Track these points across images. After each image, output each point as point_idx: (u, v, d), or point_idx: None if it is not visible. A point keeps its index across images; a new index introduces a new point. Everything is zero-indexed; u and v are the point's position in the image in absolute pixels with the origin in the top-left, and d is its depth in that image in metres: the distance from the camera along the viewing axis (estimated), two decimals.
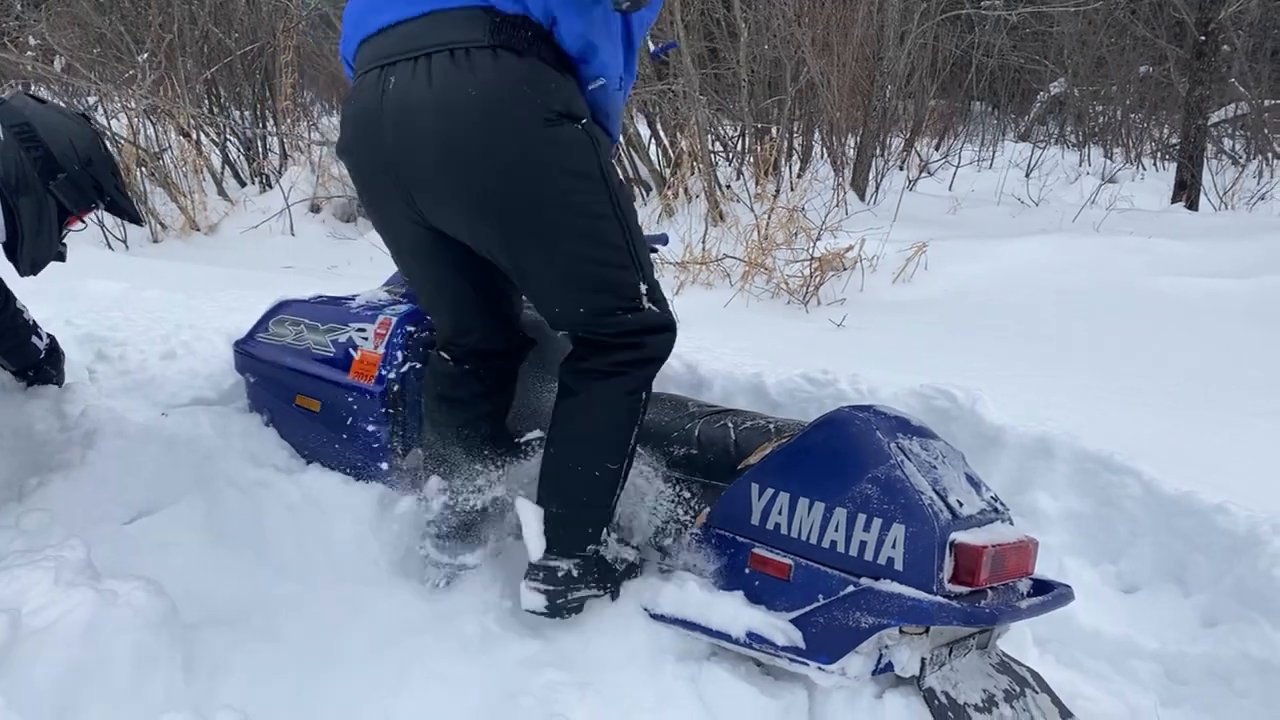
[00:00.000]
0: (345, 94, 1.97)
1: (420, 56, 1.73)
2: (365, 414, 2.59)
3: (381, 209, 1.94)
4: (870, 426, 1.98)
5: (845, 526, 1.93)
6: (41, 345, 2.85)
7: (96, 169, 2.36)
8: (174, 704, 1.78)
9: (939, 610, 1.80)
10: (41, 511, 2.36)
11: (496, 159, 1.73)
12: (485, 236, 1.85)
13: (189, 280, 4.77)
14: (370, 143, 1.81)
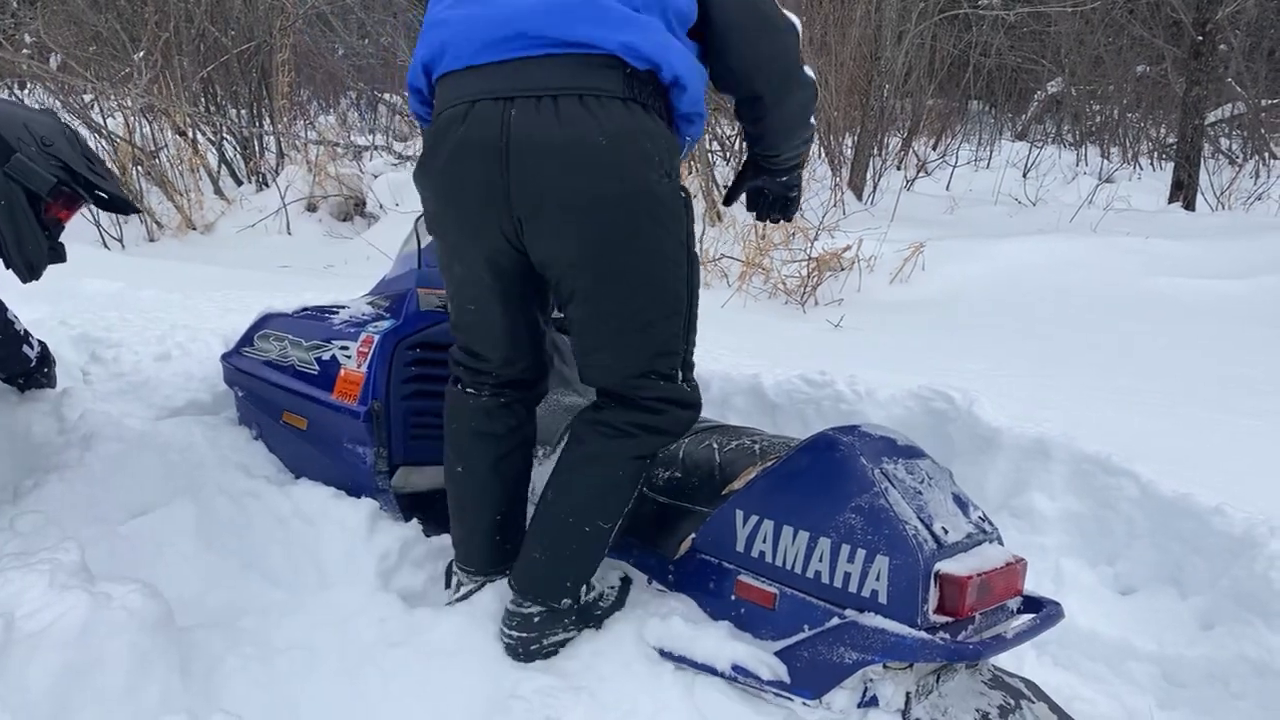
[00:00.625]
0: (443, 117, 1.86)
1: (546, 96, 1.77)
2: (350, 434, 2.57)
3: (472, 235, 1.91)
4: (854, 451, 1.93)
5: (829, 556, 1.90)
6: (33, 354, 2.78)
7: (58, 149, 2.18)
8: (170, 707, 1.77)
9: (922, 647, 1.76)
10: (37, 514, 2.36)
11: (612, 202, 1.81)
12: (578, 273, 1.87)
13: (185, 280, 4.76)
14: (485, 171, 1.81)
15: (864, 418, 3.16)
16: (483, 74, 1.82)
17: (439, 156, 1.88)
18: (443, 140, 1.86)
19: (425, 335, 2.61)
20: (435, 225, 1.99)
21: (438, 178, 1.90)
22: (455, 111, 1.83)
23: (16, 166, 2.09)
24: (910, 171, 7.95)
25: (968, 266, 4.77)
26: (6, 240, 2.15)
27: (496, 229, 1.86)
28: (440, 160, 1.87)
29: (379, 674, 1.98)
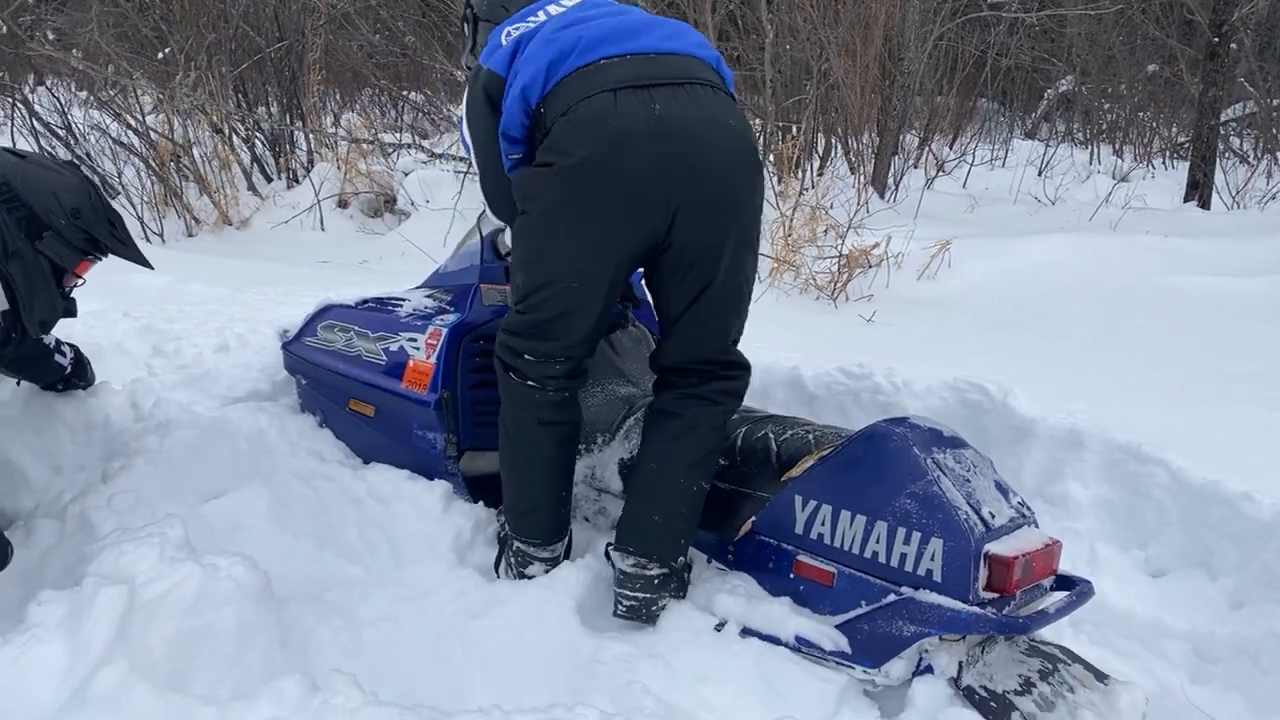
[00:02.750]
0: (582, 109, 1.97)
1: (685, 84, 1.99)
2: (420, 421, 2.71)
3: (621, 212, 2.01)
4: (907, 442, 2.09)
5: (886, 539, 2.06)
6: (66, 361, 2.81)
7: (86, 220, 2.26)
8: (274, 671, 1.90)
9: (976, 620, 1.93)
10: (129, 493, 2.49)
11: (752, 180, 2.08)
12: (727, 246, 2.07)
13: (229, 274, 4.89)
14: (640, 159, 1.94)
15: (901, 409, 3.29)
16: (616, 65, 1.98)
17: (583, 148, 1.96)
18: (587, 134, 1.96)
19: (489, 328, 2.75)
20: (563, 220, 2.05)
21: (581, 171, 1.97)
22: (596, 105, 1.95)
23: (48, 244, 2.21)
24: (930, 170, 8.05)
25: (992, 264, 4.88)
26: (24, 303, 2.23)
27: (649, 215, 1.99)
28: (585, 153, 1.96)
29: (462, 644, 2.11)
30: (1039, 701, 2.01)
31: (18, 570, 2.29)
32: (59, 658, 1.75)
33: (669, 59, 2.02)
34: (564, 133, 1.99)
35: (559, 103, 2.01)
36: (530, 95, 2.05)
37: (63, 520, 2.41)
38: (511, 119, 2.10)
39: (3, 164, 2.22)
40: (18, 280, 2.18)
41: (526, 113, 2.07)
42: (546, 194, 2.05)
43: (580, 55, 2.01)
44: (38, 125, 6.84)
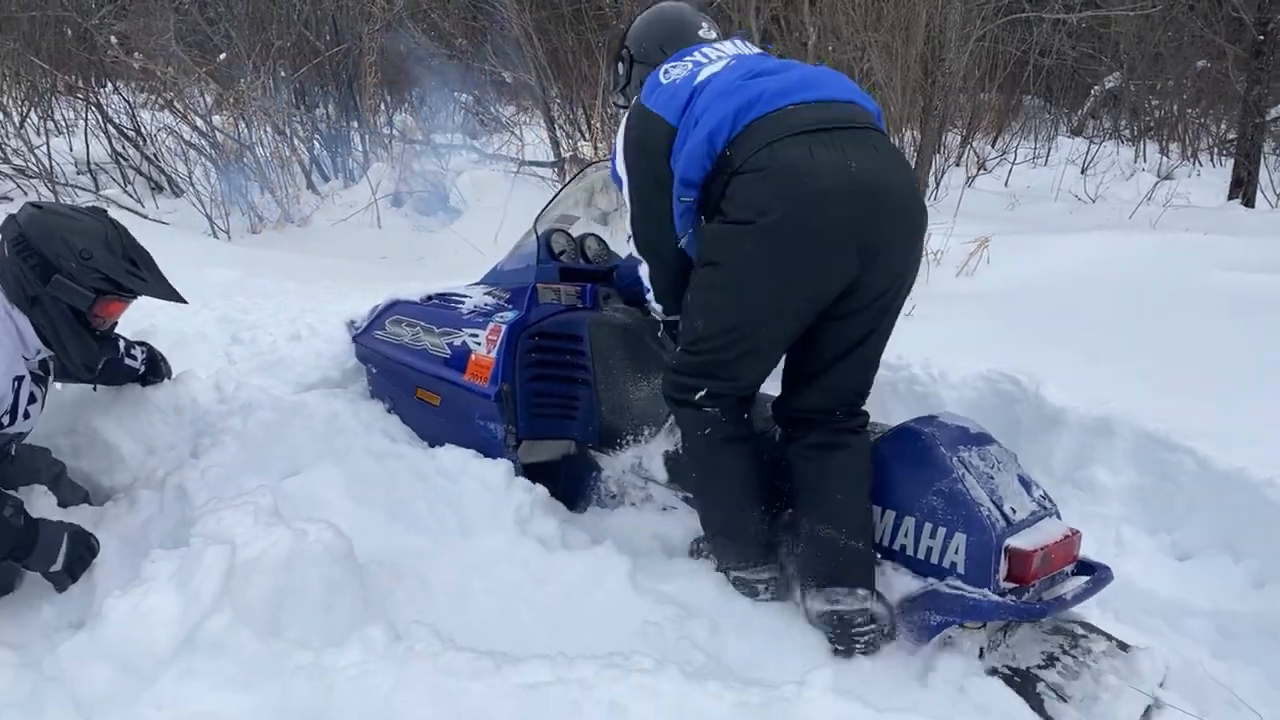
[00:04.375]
0: (778, 159, 2.06)
1: (863, 129, 2.14)
2: (481, 411, 2.92)
3: (818, 267, 2.09)
4: (935, 441, 2.24)
5: (914, 532, 2.22)
6: (137, 363, 2.97)
7: (97, 260, 2.32)
8: (359, 623, 2.09)
9: (996, 608, 2.08)
10: (218, 468, 2.71)
11: (922, 233, 2.24)
12: (897, 289, 2.20)
13: (295, 269, 5.14)
14: (840, 214, 2.04)
15: (938, 399, 3.43)
16: (803, 110, 2.11)
17: (781, 205, 2.05)
18: (784, 190, 2.04)
19: (544, 325, 2.95)
20: (757, 275, 2.11)
21: (779, 228, 2.05)
22: (791, 155, 2.04)
23: (57, 286, 2.30)
24: (971, 169, 8.11)
25: (1031, 261, 4.97)
26: (56, 346, 2.38)
27: (842, 269, 2.09)
28: (784, 210, 2.05)
29: (527, 607, 2.30)
30: (1063, 672, 2.16)
31: (123, 535, 2.52)
32: (172, 607, 1.96)
33: (847, 105, 2.16)
34: (759, 185, 2.08)
35: (749, 146, 2.09)
36: (717, 139, 2.14)
37: (161, 491, 2.64)
38: (692, 162, 2.18)
39: (22, 217, 2.34)
40: (43, 324, 2.34)
41: (710, 155, 2.16)
42: (741, 250, 2.12)
43: (769, 102, 2.12)
44: (110, 127, 7.18)
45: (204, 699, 1.85)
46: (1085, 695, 2.06)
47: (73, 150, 7.45)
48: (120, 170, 7.17)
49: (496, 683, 1.75)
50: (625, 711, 1.66)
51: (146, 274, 2.44)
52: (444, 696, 1.74)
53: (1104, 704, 2.02)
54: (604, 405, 2.85)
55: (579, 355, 2.90)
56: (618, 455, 2.83)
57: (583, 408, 2.92)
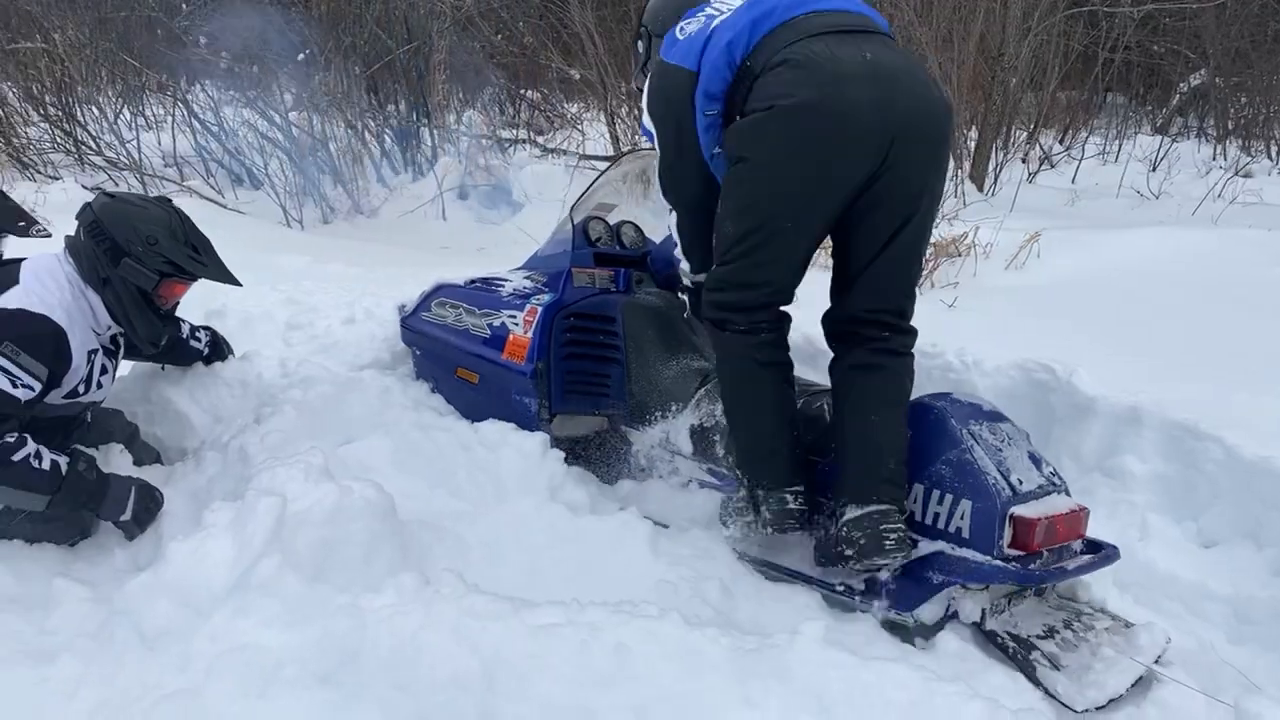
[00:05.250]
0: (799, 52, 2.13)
1: (880, 32, 2.24)
2: (518, 388, 3.09)
3: (840, 152, 2.13)
4: (946, 414, 2.34)
5: (923, 499, 2.32)
6: (201, 345, 3.21)
7: (162, 246, 2.55)
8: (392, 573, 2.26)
9: (996, 572, 2.17)
10: (279, 433, 2.92)
11: (951, 128, 2.28)
12: (923, 183, 2.24)
13: (360, 256, 5.39)
14: (863, 95, 2.09)
15: (971, 386, 3.48)
16: (820, 17, 2.20)
17: (803, 89, 2.10)
18: (806, 76, 2.10)
19: (579, 307, 3.10)
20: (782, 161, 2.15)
21: (802, 110, 2.10)
22: (812, 48, 2.12)
23: (125, 268, 2.54)
24: (1033, 165, 8.03)
25: (1082, 255, 4.95)
26: (124, 323, 2.61)
27: (867, 151, 2.13)
28: (806, 93, 2.09)
29: (554, 564, 2.45)
30: (1061, 644, 2.23)
31: (189, 491, 2.75)
32: (227, 551, 2.16)
33: (859, 15, 2.26)
34: (780, 76, 2.14)
35: (768, 51, 2.18)
36: (735, 50, 2.23)
37: (225, 453, 2.86)
38: (714, 74, 2.26)
39: (96, 205, 2.58)
40: (112, 303, 2.58)
41: (730, 66, 2.24)
42: (766, 137, 2.15)
43: (783, 13, 2.21)
44: (195, 123, 7.56)
45: (252, 634, 2.03)
46: (1079, 665, 2.13)
47: (160, 144, 7.85)
48: (203, 163, 7.54)
49: (513, 623, 1.89)
50: (629, 651, 1.79)
51: (206, 259, 2.67)
52: (465, 635, 1.89)
53: (1096, 673, 2.09)
54: (634, 383, 2.99)
55: (612, 335, 3.04)
56: (647, 430, 2.97)
57: (614, 385, 3.06)
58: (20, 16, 7.17)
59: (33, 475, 2.36)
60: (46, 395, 2.46)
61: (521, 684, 1.79)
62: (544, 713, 1.75)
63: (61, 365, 2.46)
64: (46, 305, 2.44)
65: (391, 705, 1.86)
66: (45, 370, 2.40)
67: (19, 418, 2.38)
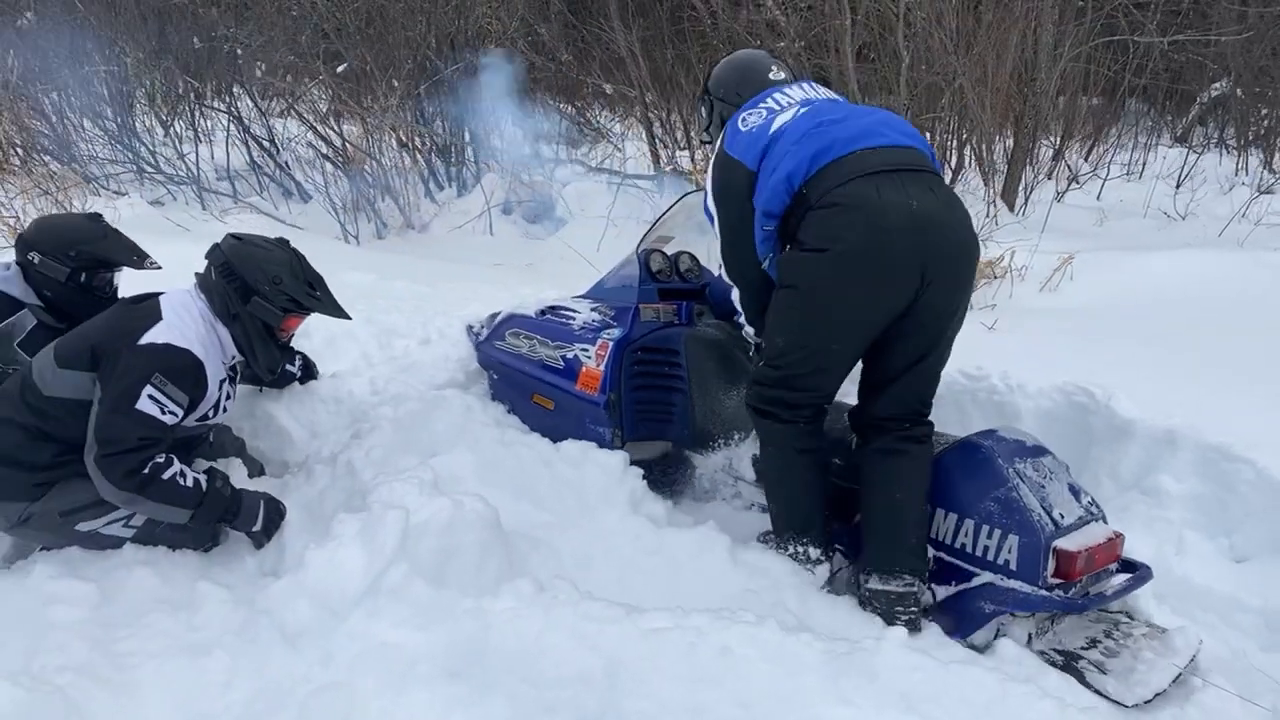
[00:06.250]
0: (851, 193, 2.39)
1: (921, 172, 2.47)
2: (592, 417, 3.33)
3: (882, 291, 2.43)
4: (993, 454, 2.58)
5: (974, 533, 2.56)
6: (295, 369, 3.52)
7: (286, 285, 2.81)
8: (505, 578, 2.50)
9: (1043, 602, 2.41)
10: (378, 448, 3.17)
11: (975, 262, 2.57)
12: (952, 312, 2.54)
13: (420, 274, 5.63)
14: (905, 242, 2.37)
15: (1014, 408, 3.71)
16: (870, 155, 2.45)
17: (852, 234, 2.39)
18: (855, 221, 2.38)
19: (645, 341, 3.34)
20: (829, 297, 2.45)
21: (850, 255, 2.39)
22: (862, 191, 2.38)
23: (255, 306, 2.81)
24: (1061, 184, 8.22)
25: (1113, 278, 5.15)
26: (248, 354, 2.88)
27: (907, 287, 2.43)
28: (854, 238, 2.39)
29: (640, 573, 2.68)
30: (1104, 652, 2.47)
31: (303, 503, 2.99)
32: (359, 559, 2.41)
33: (907, 151, 2.51)
34: (832, 218, 2.42)
35: (823, 186, 2.45)
36: (795, 179, 2.51)
37: (333, 466, 3.11)
38: (774, 198, 2.55)
39: (226, 247, 2.83)
40: (239, 336, 2.85)
41: (789, 193, 2.52)
42: (816, 275, 2.46)
43: (841, 148, 2.47)
44: (248, 138, 7.84)
45: (387, 634, 2.28)
46: (1123, 669, 2.36)
47: (214, 158, 8.15)
48: (256, 177, 7.83)
49: (627, 627, 2.13)
50: (732, 653, 2.02)
51: (322, 295, 2.95)
52: (585, 636, 2.13)
53: (1140, 673, 2.32)
54: (698, 411, 3.23)
55: (676, 367, 3.29)
56: (710, 456, 3.22)
57: (679, 413, 3.30)
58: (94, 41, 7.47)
59: (179, 492, 2.62)
60: (185, 420, 2.72)
61: (639, 682, 2.02)
62: (660, 708, 1.98)
63: (200, 394, 2.72)
64: (187, 340, 2.69)
65: (519, 699, 2.10)
66: (187, 399, 2.66)
67: (166, 440, 2.63)
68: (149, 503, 2.60)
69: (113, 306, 2.85)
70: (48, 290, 3.15)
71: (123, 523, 2.70)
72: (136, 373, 2.58)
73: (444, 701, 2.13)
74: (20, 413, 2.67)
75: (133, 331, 2.65)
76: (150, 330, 2.66)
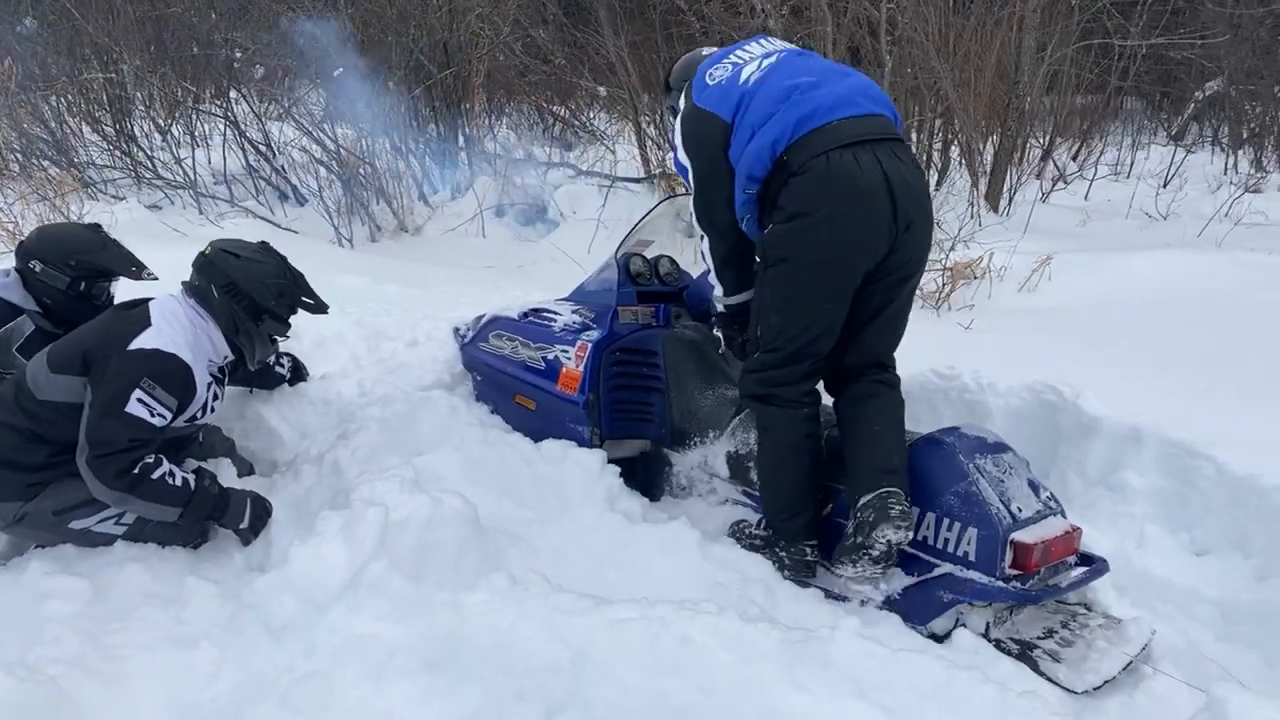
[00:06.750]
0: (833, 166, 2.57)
1: (888, 140, 2.65)
2: (571, 416, 3.43)
3: (859, 256, 2.64)
4: (955, 450, 2.67)
5: (935, 526, 2.65)
6: (285, 370, 3.67)
7: (288, 296, 3.04)
8: (483, 573, 2.60)
9: (999, 592, 2.50)
10: (364, 447, 3.27)
11: (931, 217, 2.79)
12: (917, 264, 2.76)
13: (413, 277, 5.72)
14: (879, 203, 2.59)
15: (985, 408, 3.80)
16: (846, 125, 2.61)
17: (830, 202, 2.57)
18: (833, 190, 2.57)
19: (624, 342, 3.45)
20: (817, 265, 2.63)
21: (831, 222, 2.58)
22: (840, 163, 2.56)
23: (268, 325, 3.03)
24: (1047, 184, 8.30)
25: (1091, 278, 5.23)
26: (249, 357, 3.07)
27: (879, 250, 2.64)
28: (834, 207, 2.58)
29: (615, 567, 2.78)
30: (1060, 642, 2.56)
31: (290, 499, 3.10)
32: (340, 555, 2.51)
33: (878, 119, 2.68)
34: (815, 186, 2.59)
35: (805, 153, 2.61)
36: (778, 145, 2.65)
37: (319, 466, 3.21)
38: (758, 163, 2.69)
39: (225, 265, 2.96)
40: (246, 345, 3.03)
41: (771, 158, 2.67)
42: (804, 243, 2.62)
43: (822, 116, 2.62)
44: (245, 142, 7.94)
45: (367, 626, 2.37)
46: (1077, 657, 2.45)
47: (211, 162, 8.24)
48: (252, 181, 7.92)
49: (595, 618, 2.23)
50: (694, 642, 2.12)
51: (312, 296, 3.11)
52: (554, 627, 2.23)
53: (1091, 661, 2.41)
54: (675, 410, 3.33)
55: (654, 367, 3.39)
56: (687, 453, 3.31)
57: (657, 412, 3.40)
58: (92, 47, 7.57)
59: (168, 491, 2.72)
60: (174, 422, 2.82)
61: (605, 670, 2.12)
62: (625, 695, 2.08)
63: (189, 397, 2.82)
64: (176, 345, 2.80)
65: (492, 688, 2.19)
66: (176, 402, 2.77)
67: (155, 442, 2.74)
68: (139, 501, 2.70)
69: (104, 313, 2.96)
70: (47, 298, 3.26)
71: (114, 520, 2.80)
72: (126, 378, 2.69)
73: (421, 691, 2.22)
74: (15, 416, 2.77)
75: (122, 337, 2.76)
76: (139, 336, 2.76)
